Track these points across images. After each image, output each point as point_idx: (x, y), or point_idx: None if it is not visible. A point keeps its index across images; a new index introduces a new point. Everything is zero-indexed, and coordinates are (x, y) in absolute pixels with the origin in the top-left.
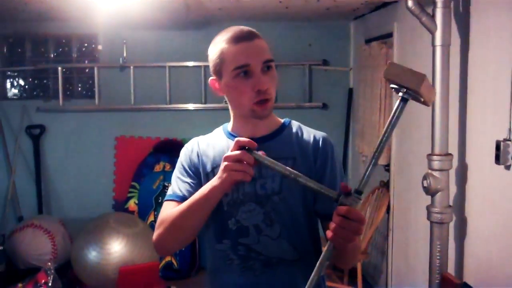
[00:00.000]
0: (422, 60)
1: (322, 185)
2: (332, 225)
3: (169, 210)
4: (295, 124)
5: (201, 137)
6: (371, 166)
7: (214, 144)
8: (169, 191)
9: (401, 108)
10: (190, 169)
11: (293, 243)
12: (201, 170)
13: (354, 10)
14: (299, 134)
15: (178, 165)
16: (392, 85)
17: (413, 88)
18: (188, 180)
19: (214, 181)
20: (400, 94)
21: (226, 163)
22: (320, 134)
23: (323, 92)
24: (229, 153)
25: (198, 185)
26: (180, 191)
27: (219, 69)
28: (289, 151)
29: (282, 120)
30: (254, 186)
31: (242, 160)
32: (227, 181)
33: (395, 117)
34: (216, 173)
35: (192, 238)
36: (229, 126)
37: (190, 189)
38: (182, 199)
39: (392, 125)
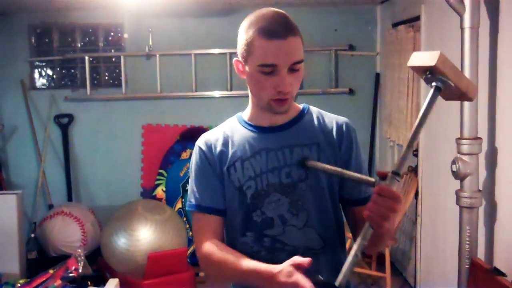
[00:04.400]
0: (450, 43)
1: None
2: (370, 203)
3: (200, 223)
4: (314, 110)
5: (209, 132)
6: (408, 148)
7: (232, 135)
8: (191, 198)
9: (433, 98)
10: (207, 170)
11: (319, 231)
12: (220, 164)
13: None
14: (321, 119)
15: (194, 168)
16: (420, 74)
17: (429, 65)
18: (208, 186)
19: (265, 279)
20: (434, 84)
21: None
22: (342, 119)
23: (350, 77)
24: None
25: (219, 184)
26: (204, 200)
27: (246, 56)
28: (312, 137)
29: (301, 106)
30: (279, 176)
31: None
32: None
33: (427, 107)
34: (237, 168)
35: None
36: (244, 115)
37: (213, 195)
38: (208, 210)
39: (424, 115)
